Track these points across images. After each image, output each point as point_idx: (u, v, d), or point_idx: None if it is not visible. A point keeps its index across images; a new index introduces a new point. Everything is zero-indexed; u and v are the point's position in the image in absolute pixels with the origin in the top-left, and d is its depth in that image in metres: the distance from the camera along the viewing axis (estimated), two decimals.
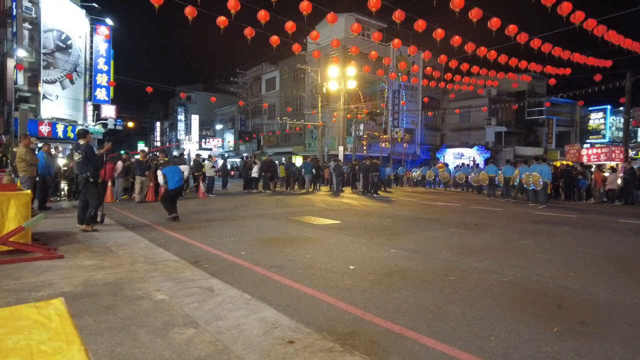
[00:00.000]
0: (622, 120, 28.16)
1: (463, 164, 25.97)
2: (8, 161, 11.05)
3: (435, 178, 23.65)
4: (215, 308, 3.18)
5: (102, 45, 25.38)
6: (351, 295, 3.73)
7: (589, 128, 36.91)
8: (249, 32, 10.67)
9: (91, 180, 6.71)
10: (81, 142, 6.81)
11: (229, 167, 24.98)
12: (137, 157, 14.08)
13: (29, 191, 5.48)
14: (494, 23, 10.27)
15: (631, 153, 25.38)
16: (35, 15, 21.84)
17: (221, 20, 10.17)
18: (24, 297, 3.36)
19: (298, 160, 30.45)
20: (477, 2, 10.02)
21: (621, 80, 19.45)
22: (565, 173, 16.03)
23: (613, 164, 18.27)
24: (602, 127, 35.67)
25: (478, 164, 21.67)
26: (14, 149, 8.37)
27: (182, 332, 2.72)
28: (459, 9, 9.31)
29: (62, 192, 12.40)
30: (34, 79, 22.08)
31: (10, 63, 19.17)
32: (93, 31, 25.29)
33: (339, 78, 27.50)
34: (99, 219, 7.29)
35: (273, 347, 2.51)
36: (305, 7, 9.49)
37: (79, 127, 21.76)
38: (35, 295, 3.40)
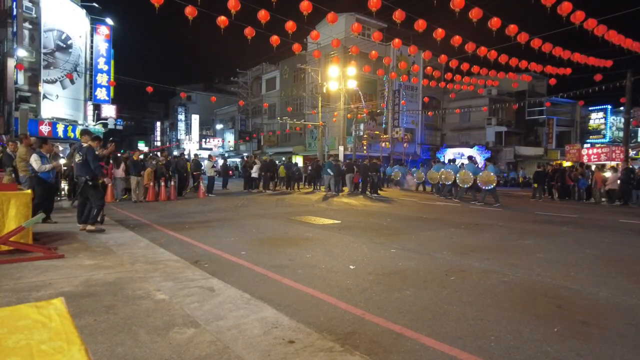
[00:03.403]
0: (622, 120, 28.14)
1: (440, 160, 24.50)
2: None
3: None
4: (215, 308, 3.18)
5: (102, 45, 25.39)
6: (351, 295, 3.72)
7: (589, 128, 36.87)
8: (249, 32, 10.67)
9: (90, 183, 6.70)
10: (84, 143, 6.79)
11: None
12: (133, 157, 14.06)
13: (29, 191, 5.47)
14: (494, 23, 10.27)
15: (631, 153, 25.38)
16: (35, 15, 21.84)
17: (221, 20, 10.18)
18: (24, 296, 3.36)
19: (298, 160, 30.50)
20: (477, 2, 10.02)
21: (621, 80, 19.43)
22: (558, 173, 16.05)
23: (613, 163, 18.28)
24: (602, 127, 35.63)
25: (453, 159, 20.51)
26: (8, 150, 8.34)
27: (183, 332, 2.72)
28: (459, 9, 9.31)
29: (62, 192, 12.40)
30: (34, 79, 22.08)
31: (11, 63, 19.18)
32: (93, 31, 25.30)
33: (339, 78, 27.48)
34: (99, 219, 7.28)
35: (273, 347, 2.51)
36: (305, 7, 9.49)
37: (81, 127, 21.80)
38: (36, 295, 3.40)
